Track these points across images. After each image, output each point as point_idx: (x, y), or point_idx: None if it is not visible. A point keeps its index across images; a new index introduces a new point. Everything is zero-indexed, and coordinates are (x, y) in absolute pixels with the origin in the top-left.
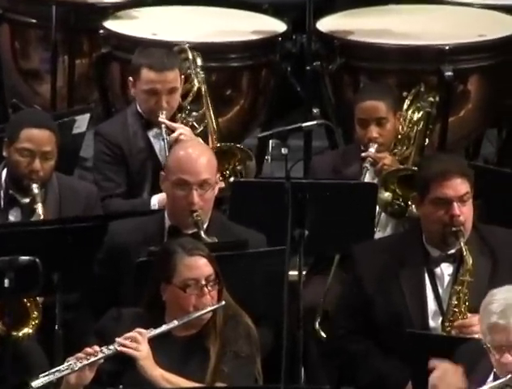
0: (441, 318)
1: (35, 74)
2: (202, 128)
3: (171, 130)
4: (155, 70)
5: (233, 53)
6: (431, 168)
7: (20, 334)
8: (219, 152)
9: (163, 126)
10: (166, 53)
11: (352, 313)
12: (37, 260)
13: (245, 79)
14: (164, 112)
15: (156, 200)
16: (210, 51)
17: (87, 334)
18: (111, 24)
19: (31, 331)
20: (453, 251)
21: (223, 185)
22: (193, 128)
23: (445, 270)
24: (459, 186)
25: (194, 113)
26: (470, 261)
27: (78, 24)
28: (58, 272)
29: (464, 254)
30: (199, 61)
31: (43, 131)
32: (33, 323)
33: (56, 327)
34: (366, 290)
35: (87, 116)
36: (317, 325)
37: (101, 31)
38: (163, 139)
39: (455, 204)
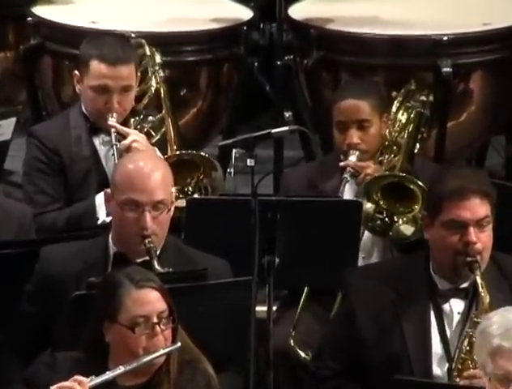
0: (447, 365)
1: None
2: (159, 136)
3: (122, 136)
4: (106, 63)
5: (189, 45)
6: (445, 184)
7: None
8: (178, 163)
9: (113, 130)
10: (121, 43)
11: (340, 351)
12: None
13: (203, 75)
14: (115, 114)
15: (103, 198)
16: (161, 43)
17: (13, 383)
18: (41, 10)
19: None
20: (465, 285)
21: (183, 204)
22: (148, 136)
23: (455, 307)
24: (478, 208)
25: (151, 118)
26: (487, 299)
27: (2, 10)
28: None
29: (480, 290)
30: (158, 59)
31: None
32: None
33: None
34: (358, 326)
35: (13, 120)
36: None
37: (30, 18)
38: (112, 146)
39: (472, 229)
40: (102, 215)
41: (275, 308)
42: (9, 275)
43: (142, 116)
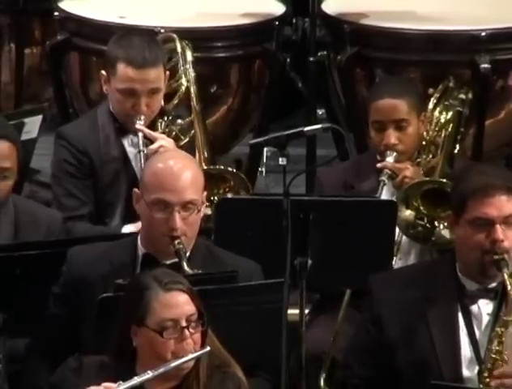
0: (477, 368)
1: None
2: (188, 139)
3: (150, 141)
4: (134, 67)
5: (219, 40)
6: (470, 182)
7: None
8: (206, 176)
9: (140, 135)
10: (149, 44)
11: (368, 358)
12: None
13: (233, 72)
14: (143, 117)
15: (129, 231)
16: (190, 38)
17: (39, 387)
18: (68, 6)
19: None
20: (494, 285)
21: (209, 212)
22: (176, 139)
23: (484, 307)
24: (505, 205)
25: (180, 121)
26: None
27: (28, 6)
28: (3, 311)
29: (508, 288)
30: (189, 56)
31: (3, 143)
32: None
33: (0, 381)
34: (386, 332)
35: (39, 118)
36: (321, 381)
37: (56, 13)
38: (139, 152)
39: (498, 227)
40: None
41: (307, 311)
42: (36, 277)
43: (171, 117)
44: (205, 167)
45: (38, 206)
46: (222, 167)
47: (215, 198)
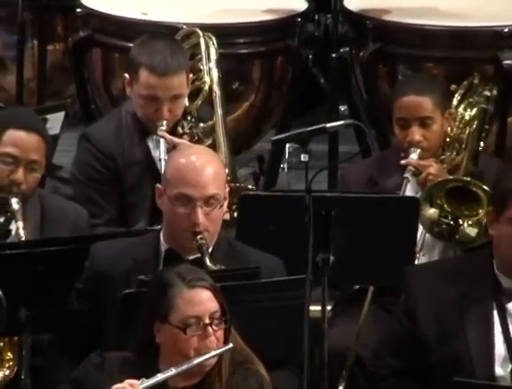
0: (511, 366)
1: None
2: (210, 141)
3: (172, 146)
4: (156, 74)
5: (241, 37)
6: (510, 180)
7: None
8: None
9: (162, 141)
10: (172, 50)
11: (400, 350)
12: (0, 292)
13: (256, 68)
14: (165, 122)
15: None
16: (212, 35)
17: (61, 384)
18: (91, 2)
19: (7, 372)
20: None
21: (227, 217)
22: (199, 141)
23: None
24: None
25: (202, 125)
26: None
27: (51, 2)
28: (26, 308)
29: None
30: (213, 53)
31: (32, 136)
32: (8, 365)
33: (22, 376)
34: (420, 326)
35: (62, 114)
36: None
37: (79, 10)
38: (159, 160)
39: None
40: None
41: (329, 307)
42: (59, 273)
43: (194, 119)
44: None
45: (64, 201)
46: (242, 185)
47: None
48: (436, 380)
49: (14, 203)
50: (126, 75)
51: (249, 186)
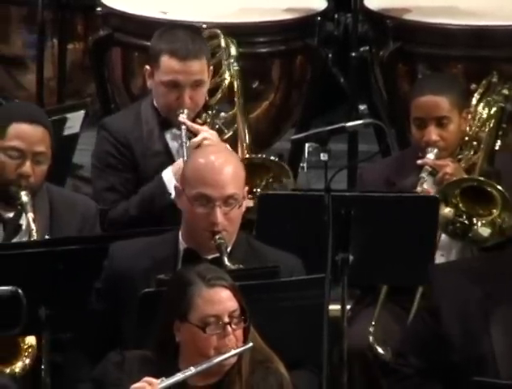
0: None
1: (17, 61)
2: (231, 133)
3: (193, 133)
4: (177, 58)
5: (261, 36)
6: None
7: (17, 369)
8: (249, 165)
9: (183, 127)
10: (192, 37)
11: (423, 349)
12: (20, 291)
13: (275, 67)
14: (186, 110)
15: (170, 173)
16: (232, 34)
17: (80, 382)
18: (111, 1)
19: (28, 361)
20: None
21: (251, 204)
22: (220, 132)
23: None
24: None
25: (223, 114)
26: None
27: (71, 1)
28: (46, 306)
29: None
30: (233, 51)
31: (36, 128)
32: (26, 354)
33: (42, 374)
34: (444, 325)
35: (82, 113)
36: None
37: (99, 9)
38: (181, 144)
39: None
40: (173, 191)
41: (349, 307)
42: (78, 272)
43: (214, 111)
44: (247, 156)
45: (73, 193)
46: (264, 156)
47: (258, 189)
48: (459, 380)
49: (24, 196)
50: (147, 67)
51: (272, 158)
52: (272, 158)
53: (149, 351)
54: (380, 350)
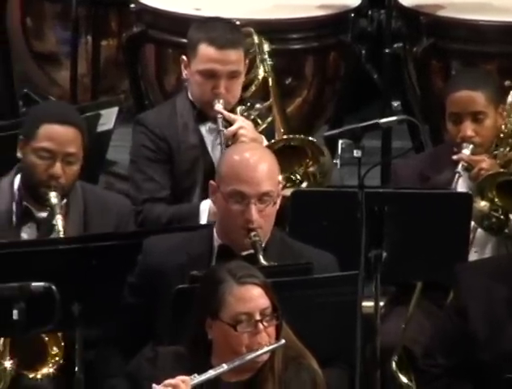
0: None
1: (51, 58)
2: (266, 125)
3: (229, 123)
4: (215, 46)
5: (295, 32)
6: None
7: (39, 375)
8: (285, 149)
9: (219, 116)
10: (230, 27)
11: (451, 348)
12: (53, 287)
13: (308, 64)
14: (222, 101)
15: (207, 206)
16: (266, 30)
17: (113, 378)
18: None
19: (51, 370)
20: None
21: (289, 193)
22: (254, 124)
23: None
24: None
25: (258, 106)
26: None
27: None
28: (79, 302)
29: None
30: (267, 47)
31: (67, 129)
32: (53, 361)
33: (76, 371)
34: (471, 324)
35: (115, 110)
36: (393, 365)
37: (133, 5)
38: (218, 132)
39: None
40: (204, 222)
41: (382, 303)
42: (112, 268)
43: (249, 104)
44: (285, 137)
45: (107, 192)
46: (301, 136)
47: (297, 176)
48: (489, 378)
49: (53, 198)
50: (184, 57)
51: (309, 138)
52: (308, 138)
53: (182, 347)
54: (413, 348)
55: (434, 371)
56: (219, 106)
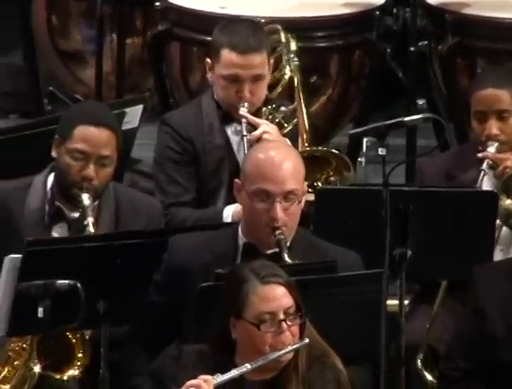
0: None
1: (76, 56)
2: (291, 127)
3: (253, 127)
4: (238, 52)
5: (319, 30)
6: None
7: (65, 377)
8: (309, 158)
9: (243, 120)
10: (253, 30)
11: (470, 350)
12: (78, 285)
13: (333, 62)
14: (246, 104)
15: (231, 211)
16: (291, 28)
17: (139, 375)
18: None
19: (77, 372)
20: None
21: (312, 198)
22: (280, 126)
23: None
24: None
25: (283, 109)
26: None
27: None
28: (104, 300)
29: None
30: (293, 46)
31: (102, 131)
32: (79, 363)
33: (101, 369)
34: (489, 326)
35: (140, 108)
36: (419, 363)
37: (158, 3)
38: (243, 137)
39: None
40: None
41: (407, 302)
42: (136, 266)
43: (274, 105)
44: (308, 148)
45: (138, 194)
46: (325, 148)
47: (318, 183)
48: (508, 379)
49: (86, 199)
50: (208, 60)
51: (334, 150)
52: (334, 150)
53: (206, 346)
54: (437, 347)
55: (455, 374)
56: (243, 110)
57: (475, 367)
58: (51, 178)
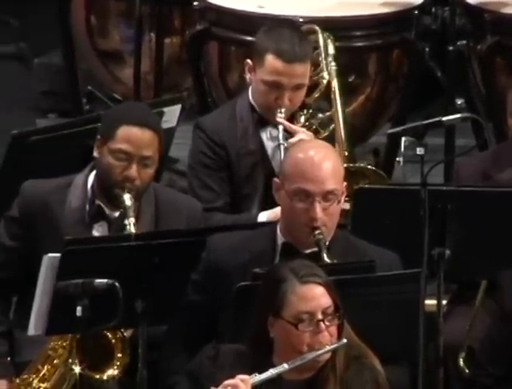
0: None
1: (115, 56)
2: (327, 133)
3: (290, 134)
4: (283, 60)
5: (358, 30)
6: None
7: (105, 377)
8: (345, 172)
9: (280, 127)
10: (299, 39)
11: (499, 355)
12: (116, 284)
13: (372, 61)
14: (284, 109)
15: (265, 217)
16: (329, 28)
17: (177, 374)
18: None
19: (116, 372)
20: None
21: (348, 207)
22: (316, 132)
23: None
24: None
25: (320, 115)
26: None
27: None
28: (142, 299)
29: None
30: (331, 49)
31: (145, 132)
32: (119, 363)
33: (139, 367)
34: None
35: (178, 107)
36: (461, 361)
37: (196, 3)
38: (279, 145)
39: None
40: None
41: (445, 302)
42: (174, 265)
43: (311, 110)
44: (344, 165)
45: (178, 194)
46: (361, 164)
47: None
48: None
49: (127, 200)
50: (249, 61)
51: (369, 166)
52: (369, 167)
53: (244, 345)
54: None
55: (485, 381)
56: (280, 116)
57: (505, 372)
58: (91, 177)
